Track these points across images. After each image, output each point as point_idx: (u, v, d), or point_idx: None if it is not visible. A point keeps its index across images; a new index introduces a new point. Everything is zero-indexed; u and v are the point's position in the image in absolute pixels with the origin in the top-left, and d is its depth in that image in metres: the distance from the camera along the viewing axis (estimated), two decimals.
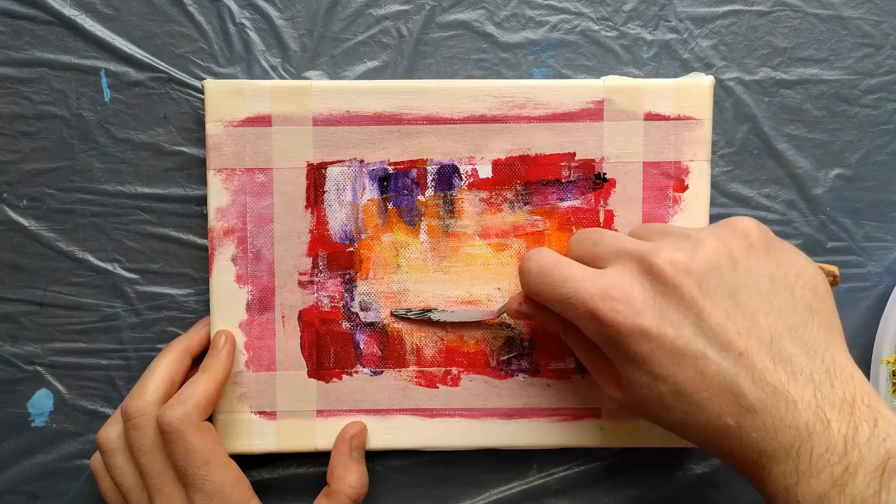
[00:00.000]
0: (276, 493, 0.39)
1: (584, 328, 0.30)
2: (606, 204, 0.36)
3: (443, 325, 0.37)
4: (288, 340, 0.37)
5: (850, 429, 0.25)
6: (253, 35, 0.37)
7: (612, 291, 0.28)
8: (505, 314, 0.35)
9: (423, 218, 0.37)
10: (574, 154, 0.36)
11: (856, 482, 0.25)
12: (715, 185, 0.38)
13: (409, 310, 0.37)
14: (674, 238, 0.30)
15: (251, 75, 0.38)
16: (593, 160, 0.36)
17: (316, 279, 0.37)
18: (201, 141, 0.37)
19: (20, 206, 0.38)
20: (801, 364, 0.27)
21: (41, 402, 0.39)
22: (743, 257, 0.28)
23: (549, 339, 0.37)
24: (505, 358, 0.37)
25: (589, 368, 0.33)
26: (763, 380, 0.26)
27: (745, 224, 0.29)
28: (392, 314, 0.37)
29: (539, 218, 0.37)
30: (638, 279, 0.28)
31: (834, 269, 0.32)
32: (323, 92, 0.36)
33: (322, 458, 0.37)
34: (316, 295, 0.37)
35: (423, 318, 0.37)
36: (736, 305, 0.27)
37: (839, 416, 0.26)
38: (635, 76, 0.38)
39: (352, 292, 0.37)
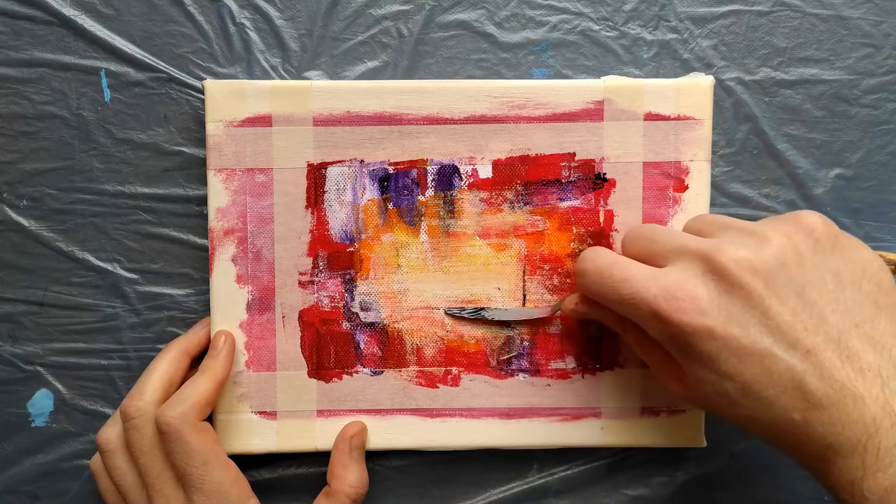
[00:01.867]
0: (276, 493, 0.39)
1: (647, 328, 0.30)
2: (606, 204, 0.36)
3: (444, 324, 0.37)
4: (288, 340, 0.37)
5: None
6: (253, 35, 0.37)
7: (677, 291, 0.28)
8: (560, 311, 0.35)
9: (423, 218, 0.37)
10: (574, 154, 0.36)
11: None
12: (715, 185, 0.38)
13: (463, 308, 0.37)
14: (736, 233, 0.29)
15: (251, 75, 0.38)
16: (593, 160, 0.36)
17: (316, 279, 0.37)
18: (201, 141, 0.37)
19: (20, 206, 0.38)
20: (868, 360, 0.27)
21: (41, 402, 0.39)
22: (809, 254, 0.28)
23: (548, 339, 0.37)
24: (505, 358, 0.37)
25: (649, 365, 0.33)
26: (831, 376, 0.26)
27: (811, 219, 0.29)
28: (446, 313, 0.37)
29: (539, 218, 0.37)
30: (702, 278, 0.28)
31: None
32: (323, 92, 0.36)
33: (322, 458, 0.37)
34: (316, 295, 0.37)
35: (478, 317, 0.37)
36: (803, 303, 0.27)
37: None
38: (635, 76, 0.38)
39: (352, 292, 0.37)
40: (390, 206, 0.37)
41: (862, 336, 0.27)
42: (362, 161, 0.36)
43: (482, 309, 0.37)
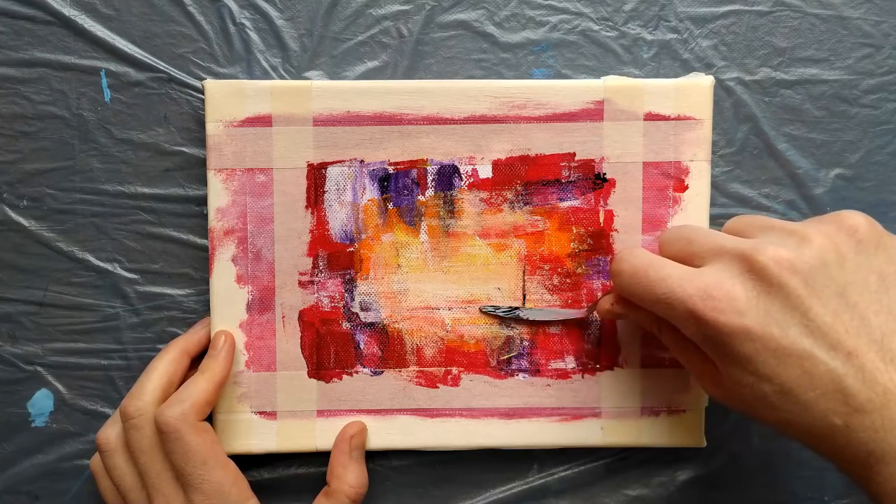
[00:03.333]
0: (276, 493, 0.39)
1: (683, 328, 0.29)
2: (606, 204, 0.36)
3: (444, 324, 0.37)
4: (288, 340, 0.37)
5: None
6: (253, 35, 0.37)
7: (713, 291, 0.27)
8: (595, 312, 0.35)
9: (423, 218, 0.37)
10: (574, 154, 0.36)
11: None
12: (715, 185, 0.38)
13: (498, 307, 0.37)
14: (776, 234, 0.29)
15: (251, 75, 0.38)
16: (593, 160, 0.36)
17: (316, 279, 0.37)
18: (201, 141, 0.37)
19: (20, 206, 0.38)
20: None
21: (41, 402, 0.39)
22: (851, 254, 0.27)
23: (548, 339, 0.37)
24: (505, 358, 0.37)
25: (686, 366, 0.32)
26: (873, 379, 0.26)
27: (854, 219, 0.28)
28: (480, 310, 0.37)
29: (539, 218, 0.37)
30: (739, 278, 0.28)
31: None
32: (323, 92, 0.36)
33: (322, 458, 0.37)
34: (316, 295, 0.37)
35: (512, 316, 0.37)
36: (845, 304, 0.27)
37: None
38: (635, 76, 0.38)
39: (352, 292, 0.37)
40: (390, 206, 0.37)
41: None
42: (362, 161, 0.36)
43: (517, 308, 0.37)
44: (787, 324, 0.27)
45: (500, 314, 0.37)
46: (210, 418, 0.36)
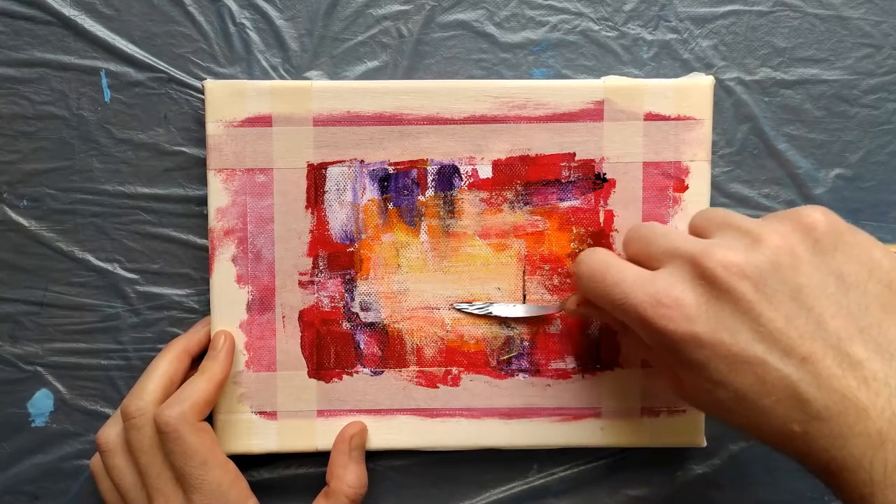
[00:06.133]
0: (276, 493, 0.39)
1: (640, 333, 0.29)
2: (606, 204, 0.36)
3: (444, 324, 0.37)
4: (288, 340, 0.37)
5: None
6: (253, 35, 0.37)
7: (663, 298, 0.27)
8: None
9: (423, 218, 0.37)
10: (574, 154, 0.36)
11: None
12: (715, 185, 0.38)
13: (471, 303, 0.37)
14: (731, 234, 0.28)
15: (251, 75, 0.38)
16: (593, 160, 0.36)
17: (316, 279, 0.37)
18: (201, 141, 0.37)
19: (20, 206, 0.38)
20: (873, 368, 0.25)
21: (41, 402, 0.39)
22: (807, 255, 0.26)
23: (548, 339, 0.37)
24: (505, 358, 0.37)
25: (654, 367, 0.32)
26: (829, 386, 0.25)
27: (812, 216, 0.27)
28: (454, 308, 0.37)
29: (539, 218, 0.37)
30: (689, 284, 0.27)
31: None
32: (323, 92, 0.36)
33: (322, 458, 0.37)
34: (316, 295, 0.37)
35: (485, 314, 0.37)
36: (798, 308, 0.26)
37: None
38: (635, 76, 0.38)
39: (352, 292, 0.37)
40: (390, 206, 0.37)
41: (867, 342, 0.25)
42: (362, 161, 0.36)
43: (489, 304, 0.37)
44: (738, 330, 0.26)
45: (474, 311, 0.37)
46: (210, 418, 0.36)
